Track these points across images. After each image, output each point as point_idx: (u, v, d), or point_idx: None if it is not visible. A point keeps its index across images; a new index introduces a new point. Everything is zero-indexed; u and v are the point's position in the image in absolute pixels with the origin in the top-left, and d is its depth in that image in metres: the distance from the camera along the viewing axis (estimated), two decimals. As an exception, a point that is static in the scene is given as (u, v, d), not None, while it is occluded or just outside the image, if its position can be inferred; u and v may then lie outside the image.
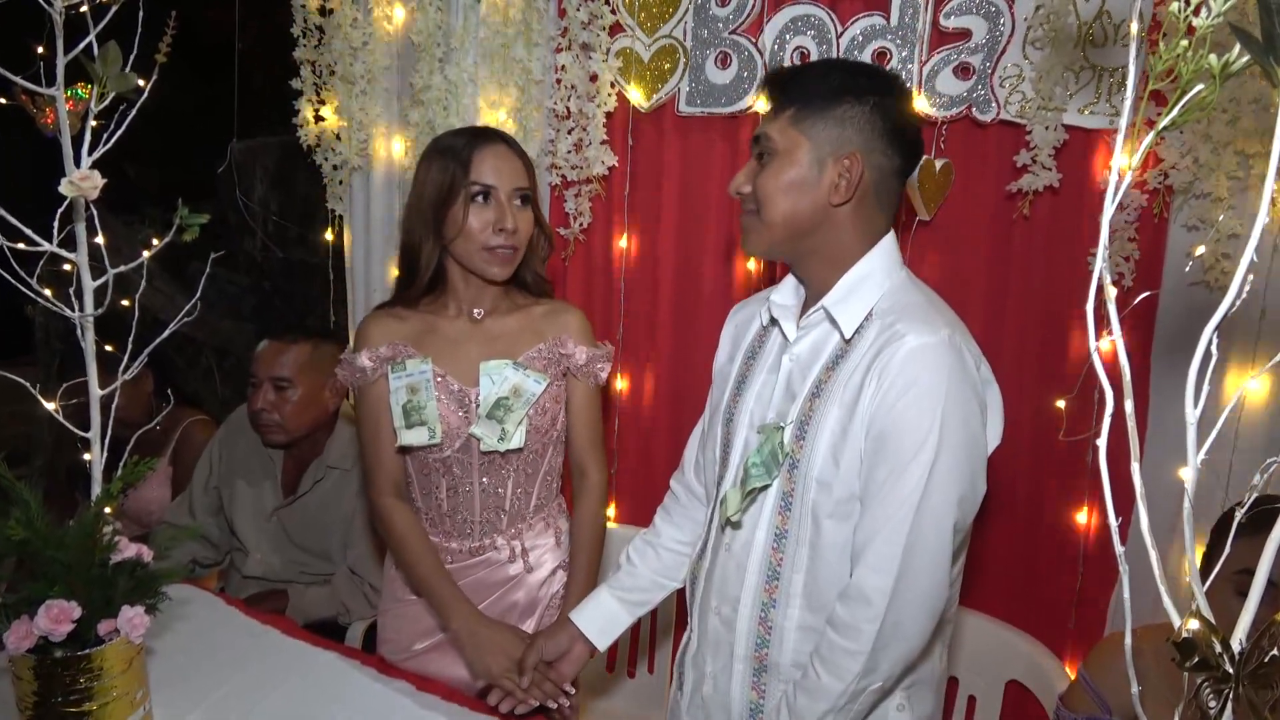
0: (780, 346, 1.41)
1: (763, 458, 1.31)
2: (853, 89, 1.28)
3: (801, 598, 1.32)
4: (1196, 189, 1.78)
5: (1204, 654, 0.58)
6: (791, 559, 1.32)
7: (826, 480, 1.27)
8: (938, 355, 1.20)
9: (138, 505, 2.53)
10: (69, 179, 1.20)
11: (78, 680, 1.24)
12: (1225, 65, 0.57)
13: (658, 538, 1.63)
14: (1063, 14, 1.82)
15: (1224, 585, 1.28)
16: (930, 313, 1.26)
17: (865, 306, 1.29)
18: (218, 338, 4.50)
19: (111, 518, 1.31)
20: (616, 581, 1.61)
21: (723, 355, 1.56)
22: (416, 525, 1.72)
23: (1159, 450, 1.87)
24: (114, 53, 1.27)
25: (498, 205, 1.61)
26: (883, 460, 1.22)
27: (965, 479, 1.23)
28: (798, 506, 1.30)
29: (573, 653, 1.59)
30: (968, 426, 1.23)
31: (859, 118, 1.27)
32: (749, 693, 1.38)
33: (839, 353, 1.30)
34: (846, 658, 1.24)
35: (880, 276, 1.30)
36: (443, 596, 1.66)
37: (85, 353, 1.36)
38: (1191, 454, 0.59)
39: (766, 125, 1.31)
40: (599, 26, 2.20)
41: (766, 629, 1.35)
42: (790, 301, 1.42)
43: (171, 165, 4.45)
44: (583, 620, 1.59)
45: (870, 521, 1.24)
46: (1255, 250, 0.56)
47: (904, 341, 1.21)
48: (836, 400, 1.27)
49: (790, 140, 1.29)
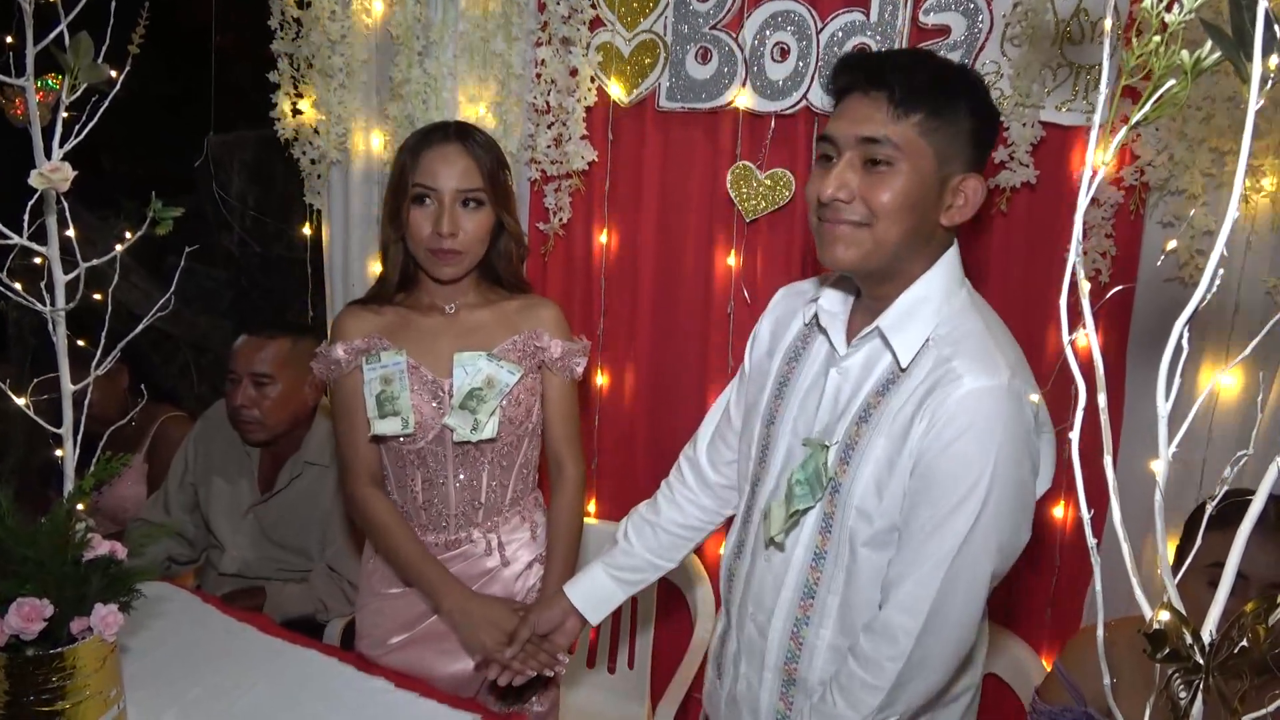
0: (827, 355, 1.35)
1: (806, 475, 1.27)
2: (972, 98, 1.20)
3: (835, 619, 1.29)
4: (1172, 185, 1.79)
5: (1175, 645, 0.58)
6: (829, 580, 1.29)
7: (867, 510, 1.23)
8: (996, 403, 1.15)
9: (112, 502, 2.51)
10: (39, 171, 1.19)
11: (50, 679, 1.23)
12: (1197, 61, 0.57)
13: (657, 517, 1.60)
14: (1040, 11, 1.83)
15: (1197, 578, 1.30)
16: (990, 348, 1.19)
17: (923, 333, 1.21)
18: (194, 333, 4.46)
19: (85, 515, 1.30)
20: (611, 558, 1.60)
21: (761, 348, 1.48)
22: (396, 512, 1.72)
23: (1135, 445, 1.89)
24: (85, 43, 1.25)
25: (438, 207, 1.61)
26: (927, 501, 1.18)
27: (1009, 528, 1.20)
28: (837, 530, 1.26)
29: (566, 625, 1.60)
30: (1018, 476, 1.18)
31: (977, 131, 1.20)
32: (777, 703, 1.38)
33: (890, 377, 1.24)
34: (866, 691, 1.22)
35: (939, 300, 1.22)
36: (431, 579, 1.67)
37: (57, 348, 1.34)
38: (1163, 447, 0.59)
39: (885, 128, 1.17)
40: (579, 21, 2.19)
41: (798, 644, 1.33)
42: (839, 309, 1.34)
43: (148, 158, 4.41)
44: (576, 594, 1.59)
45: (906, 560, 1.20)
46: (1225, 246, 0.56)
47: (961, 383, 1.15)
48: (884, 430, 1.21)
49: (918, 150, 1.17)
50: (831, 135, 1.23)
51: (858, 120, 1.19)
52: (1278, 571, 1.32)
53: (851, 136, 1.19)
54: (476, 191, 1.63)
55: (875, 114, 1.18)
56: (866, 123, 1.18)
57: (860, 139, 1.19)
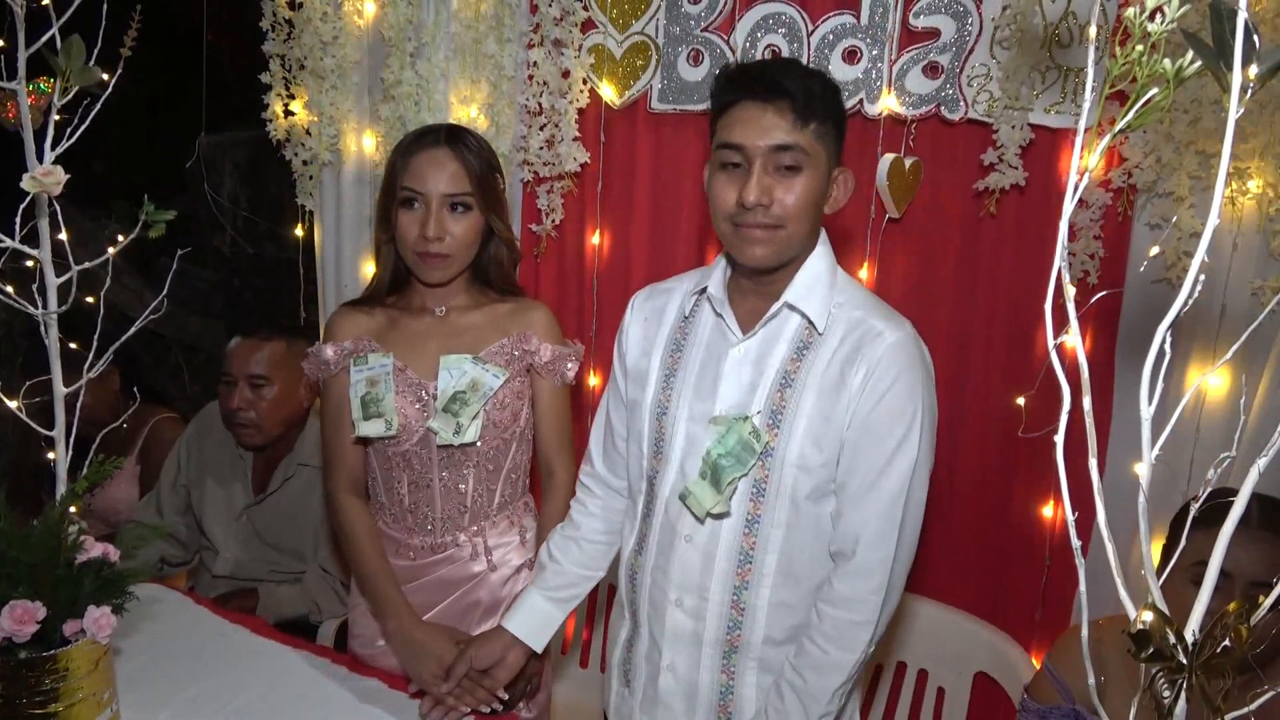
0: (713, 337, 1.42)
1: (729, 449, 1.33)
2: (838, 100, 1.32)
3: (774, 575, 1.35)
4: (1159, 188, 1.81)
5: (1158, 645, 0.59)
6: (764, 541, 1.35)
7: (807, 464, 1.31)
8: (913, 348, 1.31)
9: (105, 504, 2.50)
10: (31, 174, 1.19)
11: (43, 681, 1.22)
12: (1179, 70, 0.58)
13: (577, 531, 1.61)
14: (1029, 15, 1.84)
15: (1182, 578, 1.31)
16: (885, 307, 1.37)
17: (826, 300, 1.34)
18: (187, 335, 4.44)
19: (78, 517, 1.30)
20: (543, 581, 1.59)
21: (634, 350, 1.51)
22: (367, 523, 1.72)
23: (1122, 446, 1.90)
24: (77, 46, 1.25)
25: (425, 210, 1.62)
26: (870, 446, 1.29)
27: (932, 455, 1.35)
28: (771, 492, 1.33)
29: (507, 660, 1.56)
30: (933, 410, 1.34)
31: (840, 131, 1.33)
32: (718, 676, 1.41)
33: (804, 343, 1.35)
34: (857, 629, 1.31)
35: (829, 275, 1.36)
36: (381, 596, 1.66)
37: (49, 350, 1.34)
38: (1146, 449, 0.60)
39: (791, 135, 1.26)
40: (571, 23, 2.20)
41: (739, 610, 1.37)
42: (723, 294, 1.41)
43: (140, 160, 4.39)
44: (515, 625, 1.57)
45: (862, 502, 1.30)
46: (1210, 248, 0.57)
47: (884, 337, 1.30)
48: (814, 388, 1.31)
49: (817, 153, 1.29)
50: (740, 144, 1.29)
51: (766, 129, 1.27)
52: (1261, 570, 1.33)
53: (763, 145, 1.27)
54: (464, 196, 1.63)
55: (781, 122, 1.26)
56: (775, 131, 1.26)
57: (772, 147, 1.27)
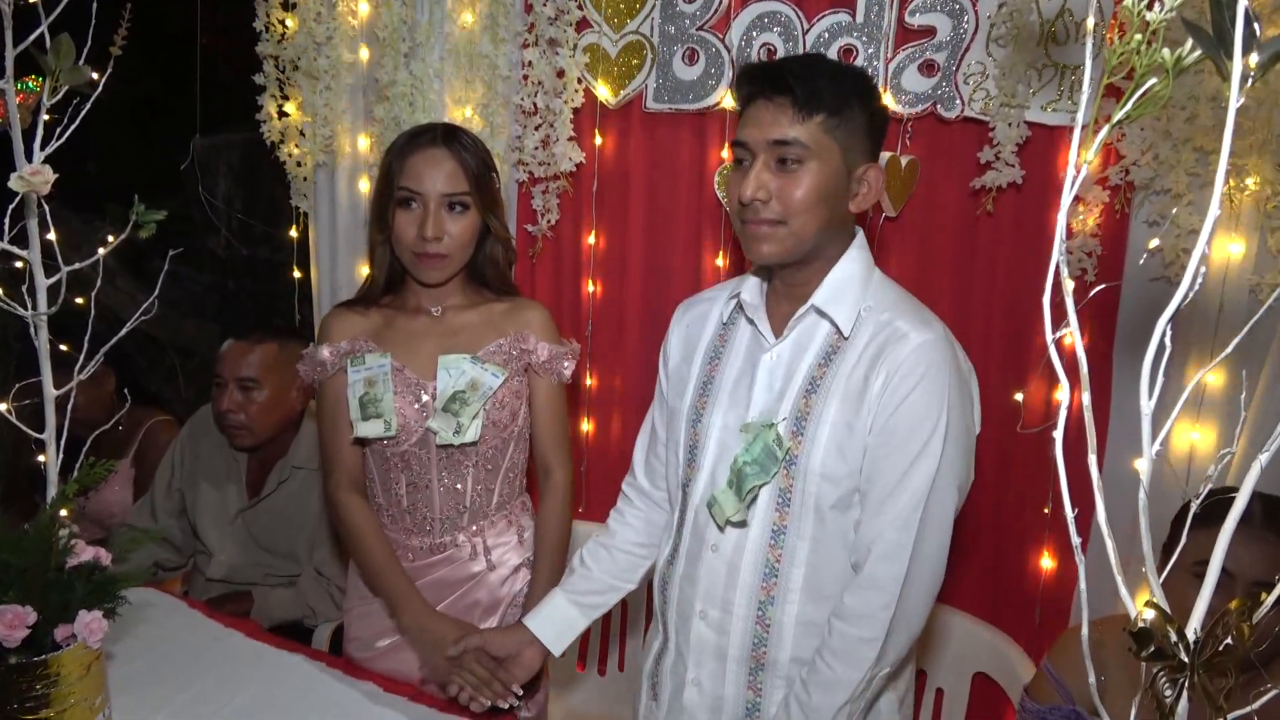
0: (750, 345, 1.41)
1: (754, 456, 1.31)
2: (864, 94, 1.30)
3: (801, 592, 1.32)
4: (1157, 185, 1.80)
5: (1159, 643, 0.58)
6: (790, 554, 1.32)
7: (831, 473, 1.29)
8: (940, 352, 1.26)
9: (99, 507, 2.49)
10: (19, 174, 1.18)
11: (34, 686, 1.21)
12: (1178, 59, 0.58)
13: (612, 539, 1.60)
14: (1025, 12, 1.83)
15: (1183, 577, 1.30)
16: (918, 309, 1.33)
17: (856, 303, 1.32)
18: (181, 337, 4.43)
19: (70, 520, 1.29)
20: (571, 584, 1.58)
21: (675, 357, 1.53)
22: (371, 519, 1.71)
23: (1121, 443, 1.90)
24: (67, 45, 1.24)
25: (423, 210, 1.61)
26: (891, 453, 1.26)
27: (963, 467, 1.30)
28: (796, 502, 1.31)
29: (523, 657, 1.55)
30: (964, 418, 1.29)
31: (870, 126, 1.31)
32: (744, 692, 1.38)
33: (832, 348, 1.32)
34: (862, 646, 1.27)
35: (862, 277, 1.34)
36: (394, 590, 1.65)
37: (39, 352, 1.33)
38: (1146, 445, 0.59)
39: (792, 129, 1.26)
40: (566, 22, 2.19)
41: (764, 627, 1.34)
42: (758, 300, 1.41)
43: (134, 162, 4.37)
44: (537, 624, 1.56)
45: (880, 512, 1.27)
46: (1207, 244, 0.57)
47: (908, 339, 1.26)
48: (838, 394, 1.29)
49: (823, 147, 1.27)
50: (744, 141, 1.31)
51: (766, 125, 1.28)
52: (1263, 568, 1.32)
53: (763, 140, 1.28)
54: (462, 195, 1.62)
55: (781, 118, 1.27)
56: (774, 126, 1.27)
57: (771, 142, 1.27)
